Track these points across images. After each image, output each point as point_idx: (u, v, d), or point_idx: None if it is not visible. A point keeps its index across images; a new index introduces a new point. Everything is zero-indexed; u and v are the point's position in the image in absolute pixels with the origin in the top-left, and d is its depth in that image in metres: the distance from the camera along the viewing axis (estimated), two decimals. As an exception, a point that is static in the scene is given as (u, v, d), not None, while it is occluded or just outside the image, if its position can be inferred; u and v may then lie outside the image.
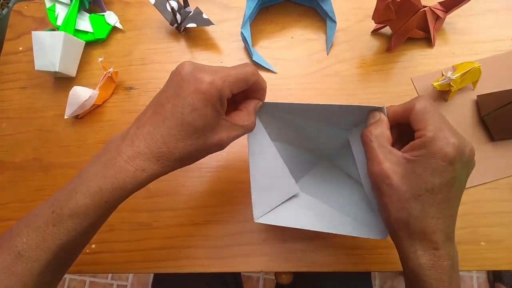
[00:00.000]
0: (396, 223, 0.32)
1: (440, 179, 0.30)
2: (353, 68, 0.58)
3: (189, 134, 0.32)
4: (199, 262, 0.51)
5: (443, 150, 0.30)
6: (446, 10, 0.56)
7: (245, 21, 0.58)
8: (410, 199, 0.31)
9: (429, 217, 0.31)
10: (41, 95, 0.62)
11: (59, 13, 0.62)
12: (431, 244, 0.31)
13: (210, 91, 0.31)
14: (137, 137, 0.32)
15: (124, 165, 0.31)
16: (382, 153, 0.33)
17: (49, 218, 0.31)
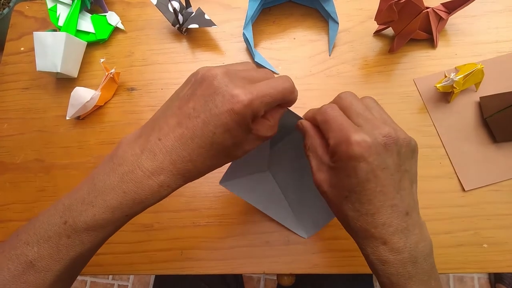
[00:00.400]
0: (343, 225, 0.34)
1: (355, 178, 0.30)
2: (356, 69, 0.58)
3: (217, 153, 0.31)
4: (201, 264, 0.51)
5: (347, 153, 0.30)
6: (449, 11, 0.56)
7: (247, 22, 0.58)
8: (341, 202, 0.32)
9: (363, 214, 0.31)
10: (42, 96, 0.62)
11: (61, 14, 0.62)
12: (376, 240, 0.31)
13: (246, 112, 0.29)
14: (160, 151, 0.30)
15: (147, 181, 0.30)
16: (315, 164, 0.34)
17: (61, 229, 0.30)
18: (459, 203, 0.50)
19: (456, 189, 0.51)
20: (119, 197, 0.30)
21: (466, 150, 0.52)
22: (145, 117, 0.59)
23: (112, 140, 0.58)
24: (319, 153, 0.34)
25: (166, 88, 0.60)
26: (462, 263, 0.48)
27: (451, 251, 0.48)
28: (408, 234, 0.31)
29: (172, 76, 0.61)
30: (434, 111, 0.54)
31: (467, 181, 0.51)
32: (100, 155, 0.57)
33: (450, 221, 0.49)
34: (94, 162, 0.57)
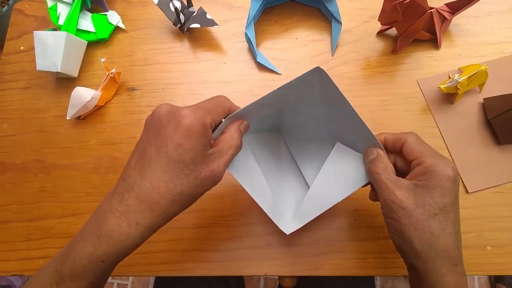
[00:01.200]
0: (419, 243, 0.33)
1: (449, 198, 0.33)
2: (358, 70, 0.58)
3: (178, 173, 0.31)
4: (202, 266, 0.50)
5: (446, 172, 0.33)
6: (453, 12, 0.55)
7: (250, 22, 0.57)
8: (429, 219, 0.33)
9: (447, 233, 0.33)
10: (42, 95, 0.62)
11: (61, 13, 0.61)
12: (452, 261, 0.33)
13: (193, 123, 0.31)
14: (126, 190, 0.31)
15: (117, 222, 0.30)
16: (391, 182, 0.35)
17: (52, 277, 0.31)
18: (463, 205, 0.49)
19: (460, 191, 0.49)
20: (94, 242, 0.30)
21: (470, 152, 0.52)
22: (145, 117, 0.58)
23: (112, 140, 0.57)
24: (392, 171, 0.36)
25: (167, 88, 0.60)
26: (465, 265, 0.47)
27: (454, 254, 0.47)
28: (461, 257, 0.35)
29: (173, 76, 0.60)
30: (437, 112, 0.54)
31: (471, 183, 0.50)
32: (100, 156, 0.57)
33: (454, 223, 0.49)
34: (94, 162, 0.56)
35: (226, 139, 0.35)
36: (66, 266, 0.31)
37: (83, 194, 0.55)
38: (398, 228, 0.34)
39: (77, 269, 0.30)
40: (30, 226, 0.54)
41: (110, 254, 0.30)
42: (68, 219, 0.54)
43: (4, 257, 0.53)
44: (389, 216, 0.35)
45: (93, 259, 0.30)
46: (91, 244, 0.30)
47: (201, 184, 0.32)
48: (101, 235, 0.30)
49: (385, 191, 0.35)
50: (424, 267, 0.33)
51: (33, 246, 0.53)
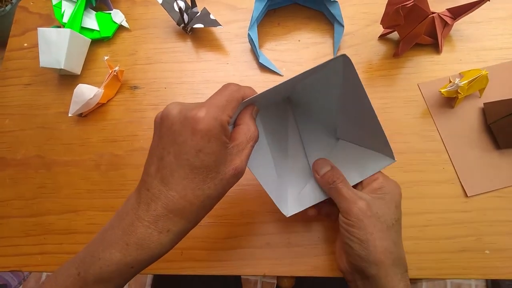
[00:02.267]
0: (383, 251, 0.35)
1: (400, 211, 0.39)
2: (360, 73, 0.58)
3: (203, 179, 0.30)
4: (201, 264, 0.50)
5: (397, 188, 0.40)
6: (454, 17, 0.56)
7: (253, 23, 0.58)
8: (389, 228, 0.37)
9: (400, 243, 0.38)
10: (45, 92, 0.62)
11: (66, 10, 0.62)
12: (404, 267, 0.37)
13: (209, 126, 0.29)
14: (152, 200, 0.31)
15: (147, 231, 0.30)
16: (353, 193, 0.38)
17: (75, 280, 0.31)
18: (462, 208, 0.50)
19: (459, 195, 0.50)
20: (123, 250, 0.30)
21: (470, 156, 0.52)
22: (147, 116, 0.58)
23: (114, 138, 0.58)
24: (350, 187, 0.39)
25: (169, 87, 0.60)
26: (463, 268, 0.47)
27: (453, 257, 0.48)
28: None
29: (175, 75, 0.61)
30: (438, 116, 0.54)
31: (470, 187, 0.51)
32: (101, 153, 0.57)
33: (452, 226, 0.49)
34: (95, 159, 0.57)
35: (244, 131, 0.33)
36: (90, 272, 0.30)
37: (84, 190, 0.55)
38: (363, 237, 0.36)
39: (103, 275, 0.30)
40: (29, 221, 0.54)
41: (141, 261, 0.31)
42: (68, 216, 0.54)
43: (3, 252, 0.53)
44: (353, 225, 0.36)
45: (121, 266, 0.30)
46: (119, 251, 0.30)
47: (227, 184, 0.32)
48: (130, 243, 0.30)
49: (350, 200, 0.37)
50: (384, 274, 0.35)
51: (32, 242, 0.53)
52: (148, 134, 0.57)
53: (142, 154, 0.56)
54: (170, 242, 0.31)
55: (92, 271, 0.30)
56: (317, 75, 0.38)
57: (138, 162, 0.56)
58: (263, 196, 0.52)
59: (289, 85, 0.36)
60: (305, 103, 0.48)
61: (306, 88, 0.44)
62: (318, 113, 0.47)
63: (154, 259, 0.31)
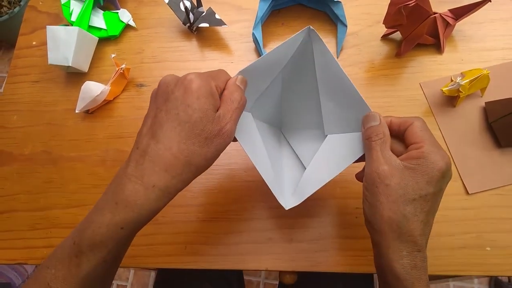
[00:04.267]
0: (388, 222, 0.34)
1: (434, 188, 0.33)
2: (362, 72, 0.59)
3: (188, 133, 0.31)
4: (205, 259, 0.51)
5: (440, 162, 0.33)
6: (456, 18, 0.56)
7: (257, 23, 0.59)
8: (406, 202, 0.33)
9: (419, 221, 0.33)
10: (52, 89, 0.63)
11: (74, 9, 0.63)
12: (416, 246, 0.33)
13: (200, 86, 0.32)
14: (140, 155, 0.32)
15: (134, 187, 0.31)
16: (383, 156, 0.35)
17: (71, 249, 0.32)
18: (463, 206, 0.50)
19: (460, 192, 0.51)
20: (112, 209, 0.31)
21: (471, 154, 0.53)
22: (153, 113, 0.59)
23: (120, 134, 0.59)
24: (388, 146, 0.36)
25: (175, 85, 0.61)
26: (464, 265, 0.48)
27: (454, 253, 0.48)
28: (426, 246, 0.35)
29: (181, 74, 0.60)
30: (439, 115, 0.55)
31: (471, 184, 0.51)
32: (107, 149, 0.58)
33: (454, 223, 0.49)
34: (101, 155, 0.58)
35: (227, 95, 0.35)
36: (84, 237, 0.31)
37: (89, 185, 0.56)
38: (373, 203, 0.35)
39: (95, 238, 0.31)
40: (36, 215, 0.55)
41: (129, 220, 0.31)
42: (74, 210, 0.55)
43: (9, 245, 0.54)
44: (369, 189, 0.35)
45: (111, 226, 0.31)
46: (109, 211, 0.31)
47: (212, 143, 0.33)
48: (119, 201, 0.31)
49: (375, 162, 0.35)
50: (387, 245, 0.34)
51: (38, 235, 0.54)
52: (153, 131, 0.58)
53: (147, 150, 0.57)
54: (156, 199, 0.31)
55: (85, 236, 0.31)
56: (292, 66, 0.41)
57: (143, 158, 0.57)
58: (265, 192, 0.52)
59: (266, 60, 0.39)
60: (290, 116, 0.50)
61: (289, 92, 0.46)
62: (304, 117, 0.48)
63: (142, 218, 0.31)
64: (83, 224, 0.32)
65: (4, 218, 0.56)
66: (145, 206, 0.31)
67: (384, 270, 0.35)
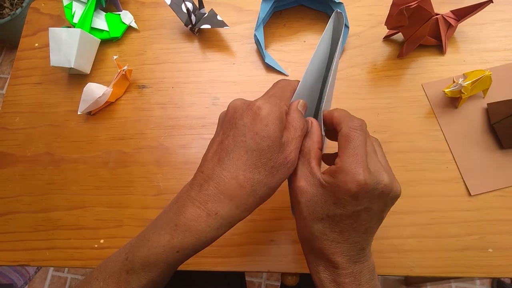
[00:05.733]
0: (301, 238, 0.34)
1: (341, 210, 0.31)
2: (364, 73, 0.59)
3: (255, 162, 0.30)
4: (206, 261, 0.51)
5: (347, 184, 0.29)
6: (458, 19, 0.56)
7: (259, 24, 0.59)
8: (314, 220, 0.32)
9: (329, 240, 0.32)
10: (55, 91, 0.63)
11: (76, 11, 0.63)
12: (330, 263, 0.32)
13: (269, 112, 0.31)
14: (205, 180, 0.31)
15: (196, 211, 0.30)
16: (302, 170, 0.33)
17: (123, 265, 0.32)
18: (465, 207, 0.50)
19: (462, 194, 0.51)
20: (171, 230, 0.30)
21: (473, 155, 0.52)
22: (155, 115, 0.59)
23: (122, 136, 0.59)
24: (312, 163, 0.33)
25: (177, 86, 0.61)
26: (467, 267, 0.48)
27: (456, 255, 0.48)
28: (358, 264, 0.33)
29: (183, 75, 0.62)
30: (441, 116, 0.55)
31: (473, 186, 0.51)
32: (109, 150, 0.58)
33: (456, 225, 0.49)
34: (104, 157, 0.58)
35: (290, 122, 0.33)
36: (138, 255, 0.31)
37: (92, 187, 0.56)
38: (295, 215, 0.35)
39: (150, 258, 0.30)
40: (38, 217, 0.55)
41: (187, 245, 0.30)
42: (76, 212, 0.55)
43: (12, 247, 0.54)
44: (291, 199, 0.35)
45: (168, 248, 0.30)
46: (168, 232, 0.30)
47: (277, 172, 0.32)
48: (179, 224, 0.30)
49: (293, 176, 0.33)
50: (306, 258, 0.35)
51: (40, 237, 0.54)
52: (155, 133, 0.58)
53: (149, 152, 0.57)
54: (217, 227, 0.30)
55: (139, 254, 0.31)
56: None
57: (145, 159, 0.57)
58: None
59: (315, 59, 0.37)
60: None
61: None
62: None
63: (199, 244, 0.31)
64: (138, 240, 0.32)
65: (6, 220, 0.56)
66: (204, 234, 0.30)
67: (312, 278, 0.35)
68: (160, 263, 0.30)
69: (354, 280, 0.32)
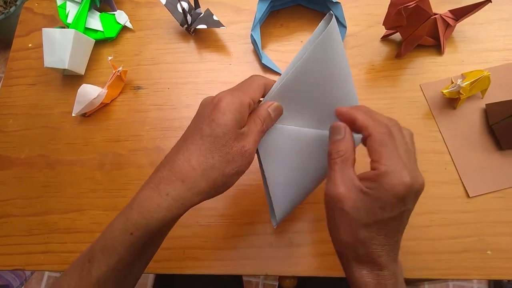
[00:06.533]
0: (345, 245, 0.33)
1: (389, 213, 0.30)
2: (362, 73, 0.58)
3: (209, 147, 0.31)
4: (204, 264, 0.50)
5: (395, 188, 0.29)
6: (456, 19, 0.56)
7: (256, 24, 0.58)
8: (360, 227, 0.31)
9: (376, 244, 0.32)
10: (49, 92, 0.62)
11: (70, 11, 0.62)
12: (376, 266, 0.32)
13: (228, 102, 0.32)
14: (162, 165, 0.33)
15: (149, 193, 0.31)
16: (341, 177, 0.32)
17: (85, 255, 0.33)
18: (464, 209, 0.50)
19: (461, 195, 0.51)
20: (127, 213, 0.32)
21: (471, 157, 0.52)
22: (151, 116, 0.59)
23: (117, 137, 0.58)
24: (352, 169, 0.33)
25: (173, 87, 0.60)
26: (466, 269, 0.47)
27: (455, 257, 0.48)
28: (396, 262, 0.33)
29: (179, 76, 0.61)
30: (440, 116, 0.54)
31: (472, 187, 0.51)
32: (105, 152, 0.57)
33: (455, 226, 0.49)
34: (99, 159, 0.57)
35: (253, 116, 0.35)
36: (99, 241, 0.32)
37: (87, 190, 0.55)
38: (331, 225, 0.34)
39: (107, 242, 0.31)
40: (33, 220, 0.55)
41: (139, 226, 0.30)
42: (72, 215, 0.54)
43: (7, 251, 0.54)
44: (327, 211, 0.34)
45: (123, 230, 0.31)
46: (123, 215, 0.31)
47: (232, 160, 0.32)
48: (133, 205, 0.31)
49: (332, 183, 0.32)
50: (347, 265, 0.34)
51: (35, 240, 0.54)
52: (151, 134, 0.58)
53: (145, 154, 0.56)
54: (168, 208, 0.31)
55: (100, 240, 0.32)
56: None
57: (141, 161, 0.56)
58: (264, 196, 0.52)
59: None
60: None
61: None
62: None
63: (152, 226, 0.31)
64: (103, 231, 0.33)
65: (1, 224, 0.55)
66: (156, 214, 0.31)
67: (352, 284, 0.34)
68: (117, 246, 0.31)
69: (395, 282, 0.33)
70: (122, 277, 0.34)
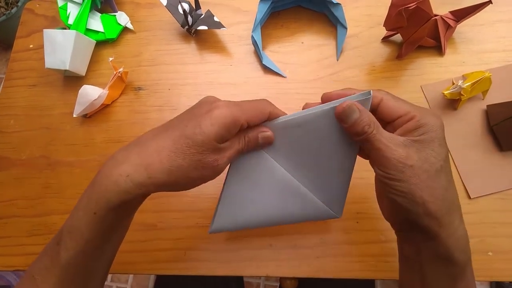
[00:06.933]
0: (433, 202, 0.31)
1: (445, 147, 0.32)
2: (363, 75, 0.58)
3: (185, 148, 0.31)
4: (204, 265, 0.50)
5: (437, 120, 0.32)
6: (457, 20, 0.56)
7: (256, 25, 0.58)
8: (437, 174, 0.31)
9: (451, 185, 0.33)
10: (50, 93, 0.62)
11: (71, 12, 0.62)
12: (459, 210, 0.33)
13: (222, 115, 0.31)
14: (134, 144, 0.32)
15: (109, 171, 0.30)
16: (389, 142, 0.32)
17: (55, 238, 0.32)
18: (465, 210, 0.49)
19: (462, 197, 0.51)
20: (89, 192, 0.31)
21: (472, 158, 0.52)
22: (151, 117, 0.59)
23: (118, 138, 0.58)
24: (385, 131, 0.33)
25: (173, 88, 0.60)
26: (467, 270, 0.47)
27: (456, 258, 0.48)
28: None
29: (179, 77, 0.61)
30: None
31: (473, 188, 0.51)
32: (106, 154, 0.57)
33: (456, 228, 0.49)
34: (100, 160, 0.57)
35: (241, 134, 0.35)
36: (67, 221, 0.31)
37: (88, 191, 0.55)
38: (406, 189, 0.31)
39: (73, 223, 0.31)
40: (34, 221, 0.55)
41: (100, 204, 0.30)
42: (72, 216, 0.54)
43: (7, 251, 0.54)
44: (393, 178, 0.31)
45: (87, 210, 0.30)
46: (86, 195, 0.31)
47: (201, 168, 0.32)
48: (95, 182, 0.31)
49: (384, 150, 0.31)
50: (438, 224, 0.31)
51: (36, 241, 0.54)
52: (152, 135, 0.57)
53: (146, 155, 0.56)
54: (125, 191, 0.30)
55: (67, 222, 0.31)
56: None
57: (142, 162, 0.56)
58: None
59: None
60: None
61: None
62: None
63: (112, 206, 0.30)
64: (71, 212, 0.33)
65: (2, 224, 0.55)
66: (113, 193, 0.30)
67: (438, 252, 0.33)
68: (82, 227, 0.30)
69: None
70: (91, 260, 0.33)
